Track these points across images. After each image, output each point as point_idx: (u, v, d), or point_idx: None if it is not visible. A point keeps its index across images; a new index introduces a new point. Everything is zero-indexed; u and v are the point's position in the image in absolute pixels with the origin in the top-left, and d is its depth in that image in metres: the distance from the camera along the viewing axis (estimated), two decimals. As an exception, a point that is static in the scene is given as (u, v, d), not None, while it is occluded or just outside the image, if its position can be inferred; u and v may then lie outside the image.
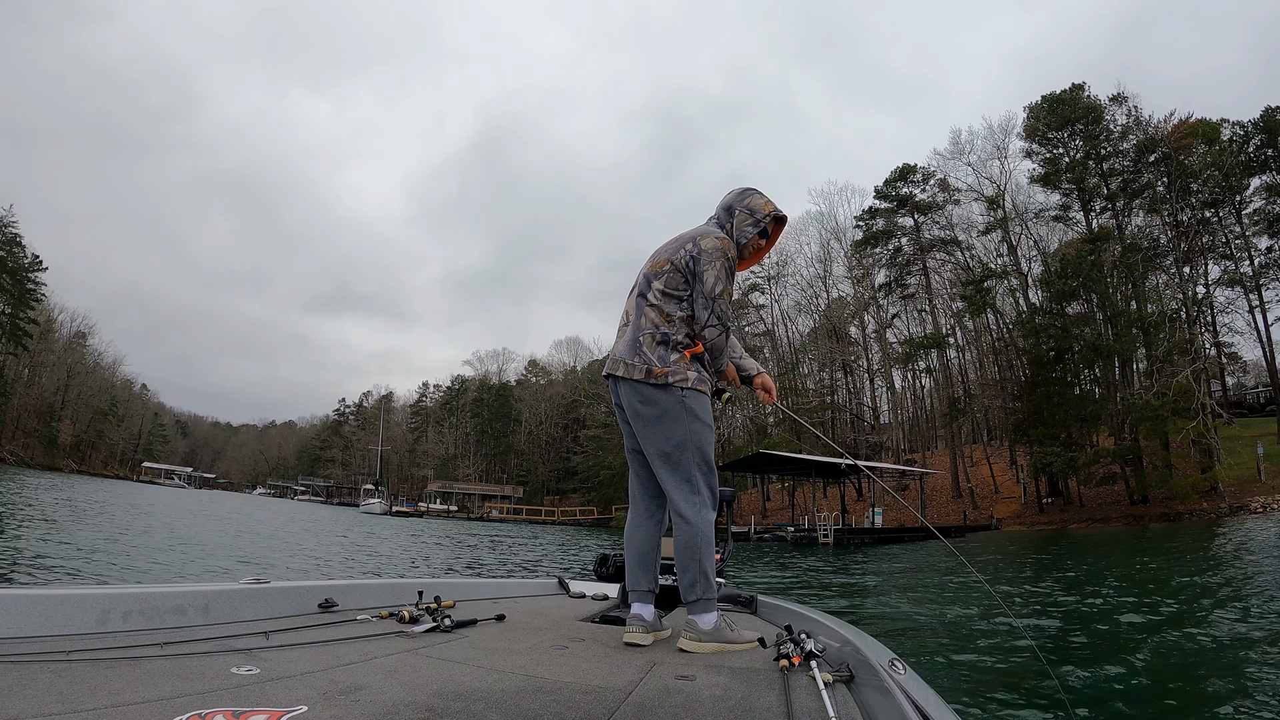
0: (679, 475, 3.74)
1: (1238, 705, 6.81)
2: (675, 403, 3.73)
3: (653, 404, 3.74)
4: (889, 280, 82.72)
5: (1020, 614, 13.27)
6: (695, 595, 3.62)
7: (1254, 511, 45.06)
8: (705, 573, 3.64)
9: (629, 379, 3.79)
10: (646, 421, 3.76)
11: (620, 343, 3.94)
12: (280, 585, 3.62)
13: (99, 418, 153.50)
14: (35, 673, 2.13)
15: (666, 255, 3.93)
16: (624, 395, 3.84)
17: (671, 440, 3.73)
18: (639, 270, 4.07)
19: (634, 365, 3.79)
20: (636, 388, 3.78)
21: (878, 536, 47.99)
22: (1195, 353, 55.69)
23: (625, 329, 3.96)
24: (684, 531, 3.67)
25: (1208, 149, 60.87)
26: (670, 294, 3.84)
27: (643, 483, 4.04)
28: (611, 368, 3.89)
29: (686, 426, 3.74)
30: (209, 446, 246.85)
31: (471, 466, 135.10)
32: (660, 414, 3.73)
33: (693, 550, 3.64)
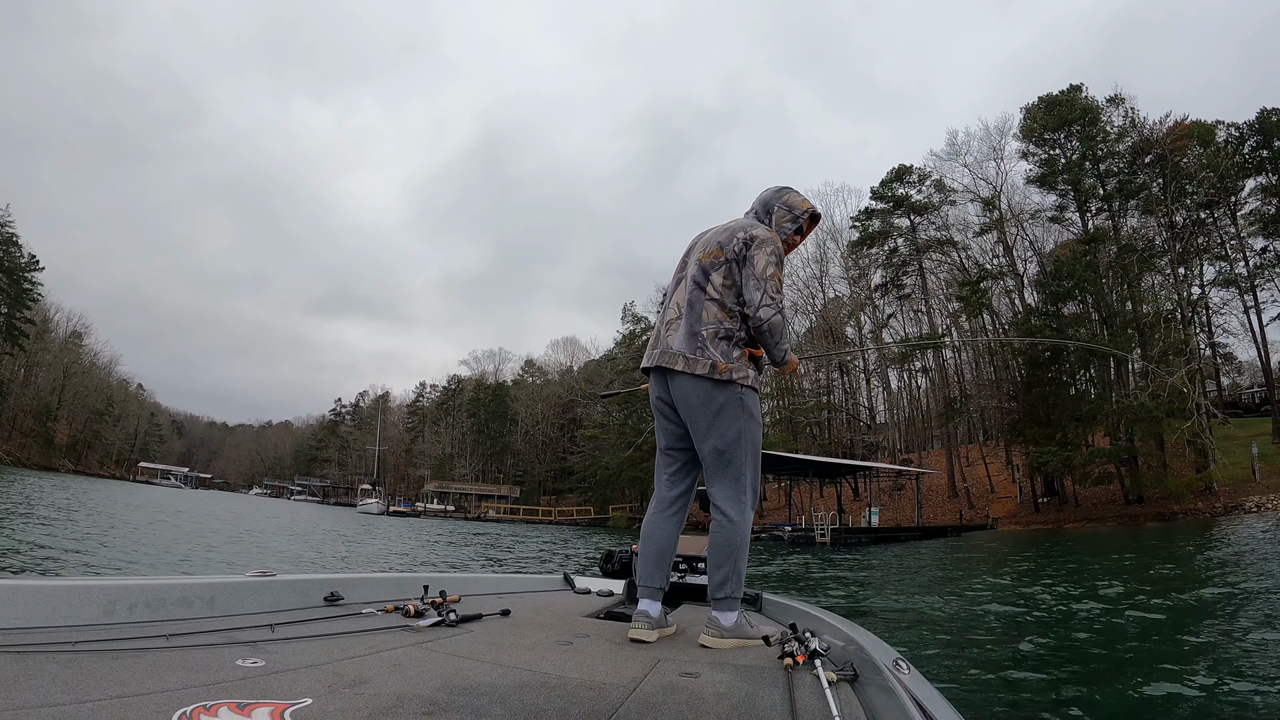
0: (729, 473, 3.73)
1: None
2: (735, 399, 3.71)
3: (712, 400, 3.70)
4: (885, 281, 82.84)
5: (1024, 616, 13.38)
6: (725, 593, 3.62)
7: (1249, 511, 45.30)
8: (739, 572, 3.65)
9: (690, 373, 3.72)
10: (704, 418, 3.71)
11: (675, 334, 3.83)
12: (286, 578, 3.64)
13: (95, 418, 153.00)
14: (41, 663, 2.15)
15: (719, 243, 3.89)
16: (680, 389, 3.77)
17: (727, 437, 3.71)
18: (686, 258, 4.06)
19: (695, 360, 3.72)
20: (698, 383, 3.72)
21: (874, 536, 47.95)
22: (1190, 353, 55.82)
23: (678, 321, 3.86)
24: (726, 529, 3.67)
25: (1203, 150, 61.12)
26: (730, 286, 3.82)
27: (670, 479, 4.00)
28: (667, 361, 3.79)
29: (743, 424, 3.74)
30: (205, 446, 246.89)
31: (468, 466, 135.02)
32: (719, 410, 3.70)
33: (731, 548, 3.65)
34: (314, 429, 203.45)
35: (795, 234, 4.20)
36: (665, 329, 3.92)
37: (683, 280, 3.97)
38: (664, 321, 3.97)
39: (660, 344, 3.88)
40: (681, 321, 3.84)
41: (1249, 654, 8.95)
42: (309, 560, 21.79)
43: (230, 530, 30.09)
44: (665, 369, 3.81)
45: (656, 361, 3.85)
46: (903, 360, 79.89)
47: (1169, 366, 53.58)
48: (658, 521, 3.93)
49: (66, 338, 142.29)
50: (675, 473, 3.98)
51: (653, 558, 3.85)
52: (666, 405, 3.89)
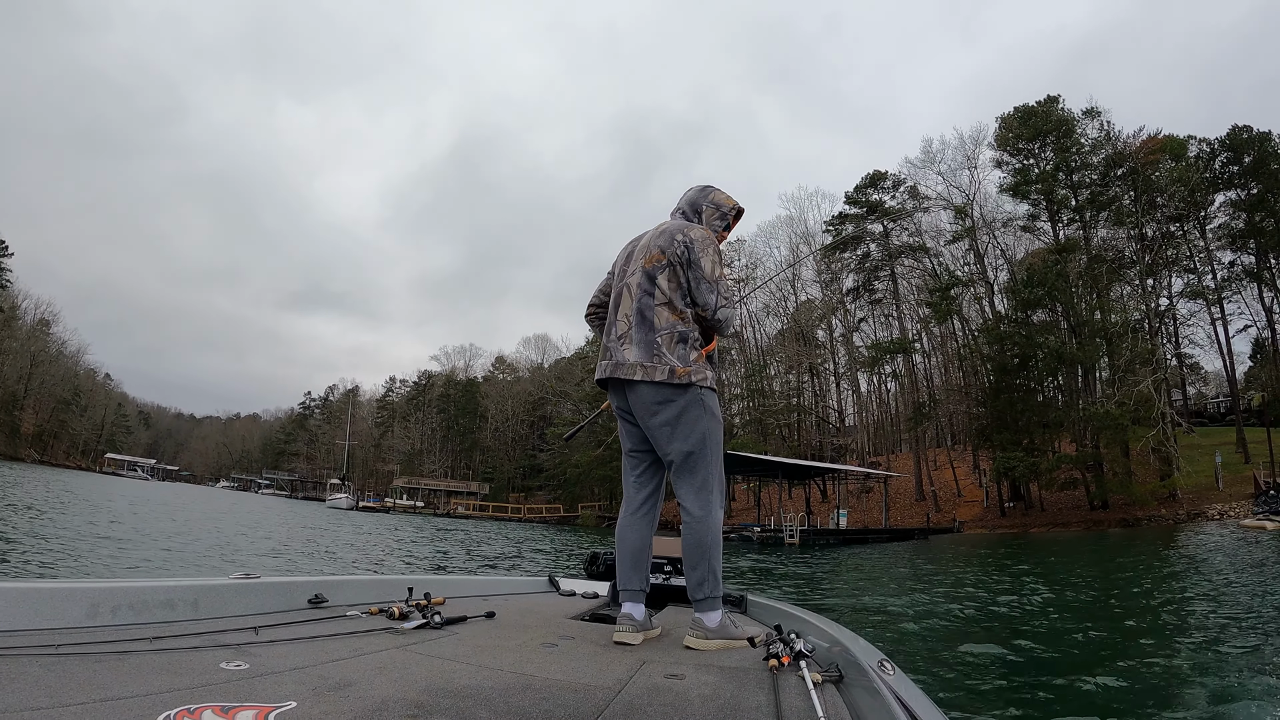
0: (696, 473, 3.72)
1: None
2: (695, 401, 3.71)
3: (672, 404, 3.70)
4: (857, 285, 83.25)
5: (1001, 616, 13.67)
6: (704, 594, 3.62)
7: (1211, 518, 45.94)
8: (714, 571, 3.65)
9: (649, 381, 3.70)
10: (666, 422, 3.71)
11: (629, 345, 3.81)
12: (270, 580, 3.61)
13: (62, 407, 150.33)
14: (23, 666, 2.13)
15: (659, 248, 3.90)
16: (640, 398, 3.75)
17: (691, 440, 3.70)
18: (625, 267, 4.06)
19: (654, 367, 3.71)
20: (658, 389, 3.70)
21: (842, 537, 48.25)
22: (1157, 363, 56.46)
23: (629, 332, 3.83)
24: (695, 530, 3.68)
25: (1174, 165, 61.83)
26: (676, 288, 3.82)
27: (637, 481, 4.00)
28: (625, 372, 3.75)
29: (705, 425, 3.74)
30: (172, 438, 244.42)
31: (437, 462, 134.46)
32: (680, 413, 3.70)
33: (703, 549, 3.65)
34: (282, 422, 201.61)
35: (724, 230, 4.26)
36: (617, 342, 3.88)
37: (626, 289, 3.95)
38: (614, 335, 3.93)
39: (614, 355, 3.87)
40: (633, 331, 3.83)
41: (1218, 655, 9.23)
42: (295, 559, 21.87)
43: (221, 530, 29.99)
44: (627, 380, 3.77)
45: (611, 373, 3.84)
46: (872, 364, 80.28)
47: (1136, 375, 54.31)
48: (629, 524, 3.94)
49: (34, 325, 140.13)
50: (641, 475, 3.99)
51: (629, 560, 3.86)
52: (626, 411, 3.90)
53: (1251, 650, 9.47)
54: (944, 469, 74.40)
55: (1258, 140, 61.67)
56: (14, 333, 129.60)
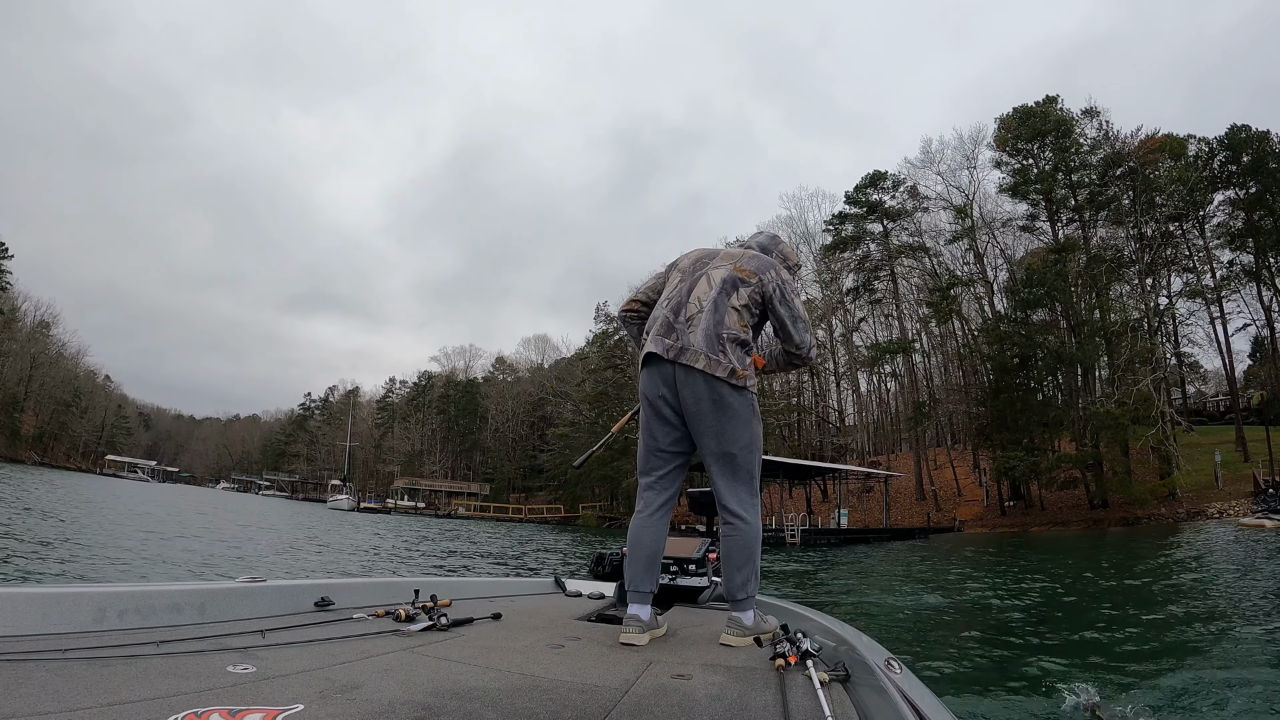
0: (741, 477, 3.76)
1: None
2: (748, 406, 3.73)
3: (727, 406, 3.67)
4: (857, 285, 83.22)
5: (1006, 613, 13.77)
6: (746, 593, 3.64)
7: (1210, 517, 45.96)
8: (757, 571, 3.70)
9: (709, 374, 3.66)
10: (716, 421, 3.68)
11: (696, 331, 3.75)
12: (276, 584, 3.61)
13: (62, 409, 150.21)
14: (31, 671, 2.14)
15: (754, 269, 3.91)
16: (693, 389, 3.69)
17: (739, 443, 3.71)
18: (704, 260, 4.05)
19: (717, 361, 3.68)
20: (715, 385, 3.67)
21: (843, 537, 48.38)
22: (1156, 362, 56.54)
23: (699, 316, 3.79)
24: (744, 532, 3.70)
25: (1173, 164, 61.90)
26: (751, 306, 3.85)
27: (660, 482, 3.94)
28: (688, 358, 3.69)
29: (755, 429, 3.78)
30: (172, 439, 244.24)
31: (438, 463, 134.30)
32: (733, 416, 3.68)
33: (750, 550, 3.68)
34: (282, 423, 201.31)
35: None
36: (685, 323, 3.81)
37: (707, 278, 3.93)
38: (682, 315, 3.85)
39: (678, 337, 3.78)
40: (704, 317, 3.78)
41: (1224, 652, 9.31)
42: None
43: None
44: (682, 365, 3.72)
45: (675, 356, 3.74)
46: (872, 364, 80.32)
47: (1135, 375, 54.41)
48: (647, 525, 3.88)
49: (34, 327, 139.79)
50: (665, 475, 3.94)
51: (643, 561, 3.81)
52: (667, 403, 3.80)
53: (1257, 644, 9.61)
54: (944, 469, 74.44)
55: (1256, 139, 61.63)
56: (14, 335, 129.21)
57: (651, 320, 4.02)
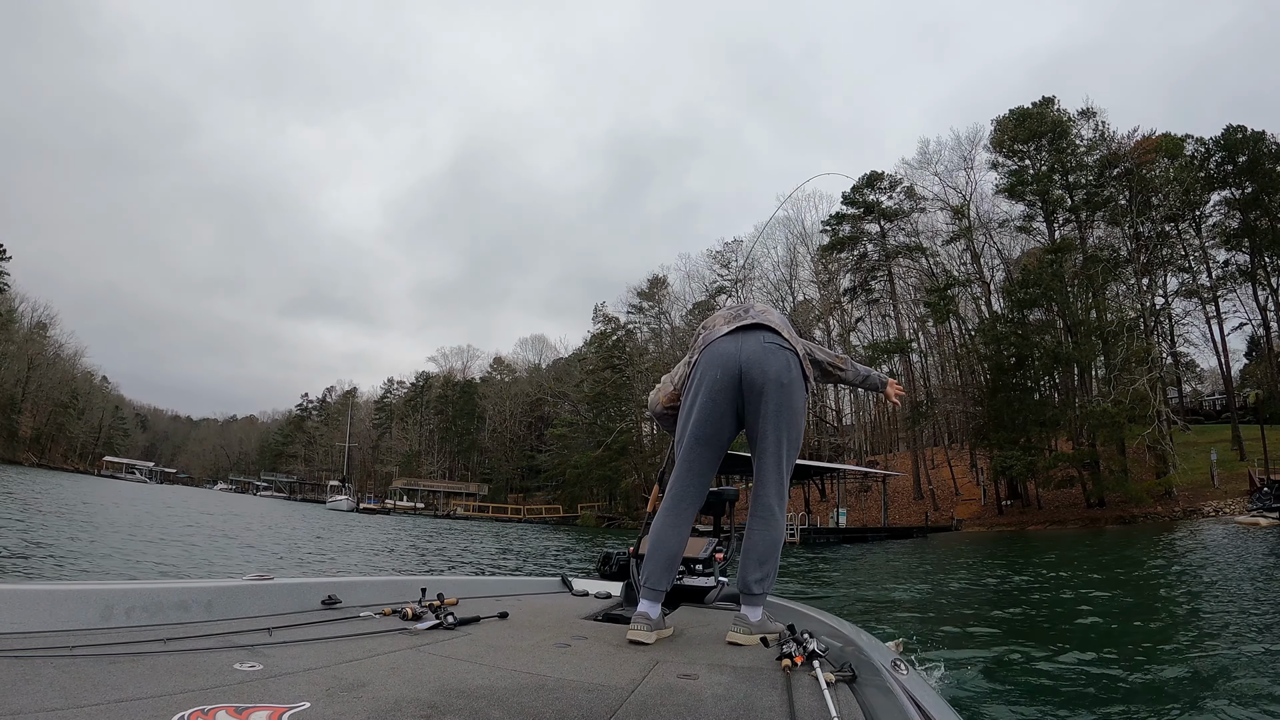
0: (782, 470, 3.67)
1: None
2: (804, 400, 3.71)
3: (794, 392, 3.63)
4: (854, 285, 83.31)
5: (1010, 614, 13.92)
6: (761, 589, 3.60)
7: (1207, 515, 46.20)
8: (775, 569, 3.65)
9: (792, 349, 3.68)
10: (779, 403, 3.61)
11: (770, 318, 3.80)
12: (283, 582, 3.64)
13: (59, 410, 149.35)
14: (39, 668, 2.16)
15: (782, 321, 3.89)
16: (775, 363, 3.61)
17: (792, 432, 3.66)
18: (741, 311, 3.93)
19: (794, 339, 3.73)
20: (792, 361, 3.66)
21: (842, 536, 48.50)
22: (1152, 361, 56.80)
23: (767, 314, 3.85)
24: (775, 529, 3.64)
25: (1170, 164, 62.18)
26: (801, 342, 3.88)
27: (698, 479, 3.82)
28: (774, 325, 3.74)
29: (802, 425, 3.74)
30: (169, 440, 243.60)
31: (436, 464, 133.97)
32: (796, 404, 3.65)
33: (775, 547, 3.64)
34: (280, 424, 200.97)
35: None
36: (760, 313, 3.84)
37: (758, 302, 4.01)
38: (752, 310, 3.88)
39: (755, 317, 3.78)
40: (775, 315, 3.84)
41: (1223, 648, 9.34)
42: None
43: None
44: (767, 329, 3.70)
45: (761, 319, 3.76)
46: (869, 364, 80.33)
47: (1132, 374, 54.67)
48: (673, 524, 3.78)
49: (32, 328, 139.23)
50: (703, 474, 3.84)
51: (663, 563, 3.71)
52: (733, 384, 3.66)
53: (1252, 640, 9.85)
54: (941, 468, 74.58)
55: (1253, 140, 61.90)
56: (11, 336, 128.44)
57: (714, 321, 3.97)
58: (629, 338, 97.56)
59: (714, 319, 4.00)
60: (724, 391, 3.66)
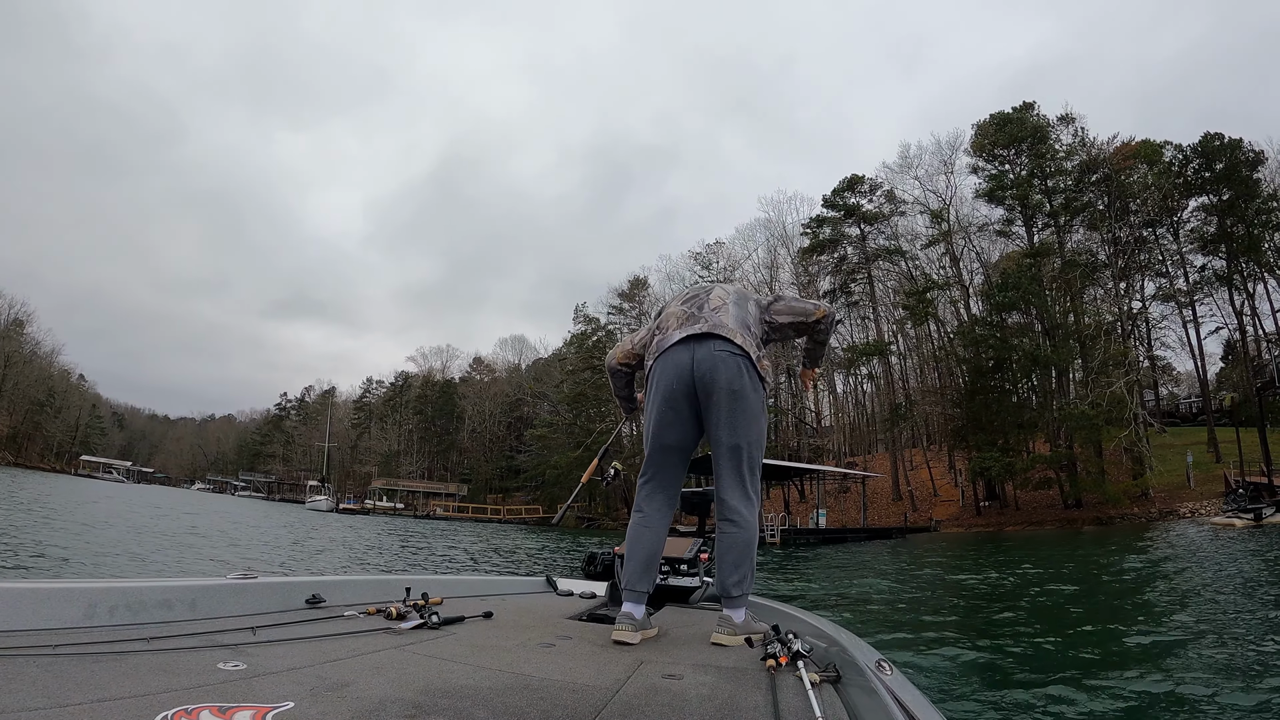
0: (743, 473, 3.68)
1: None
2: (762, 401, 3.71)
3: (747, 395, 3.64)
4: (834, 287, 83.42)
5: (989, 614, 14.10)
6: (740, 591, 3.59)
7: (1182, 517, 46.53)
8: (753, 570, 3.65)
9: (743, 351, 3.66)
10: (733, 409, 3.64)
11: (724, 316, 3.79)
12: (267, 581, 3.63)
13: (36, 409, 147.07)
14: (21, 667, 2.14)
15: (739, 293, 4.01)
16: (722, 368, 3.64)
17: (752, 432, 3.66)
18: (698, 292, 4.05)
19: (748, 341, 3.70)
20: (744, 366, 3.65)
21: (822, 536, 48.61)
22: (1129, 365, 57.19)
23: (725, 309, 3.84)
24: (745, 532, 3.65)
25: (1148, 170, 62.75)
26: (761, 320, 3.96)
27: (668, 480, 3.91)
28: (727, 333, 3.70)
29: (763, 426, 3.74)
30: (146, 440, 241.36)
31: (415, 464, 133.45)
32: (750, 406, 3.65)
33: (748, 550, 3.63)
34: (258, 423, 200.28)
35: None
36: (711, 311, 3.81)
37: (711, 291, 4.00)
38: (705, 308, 3.86)
39: (706, 320, 3.77)
40: (729, 309, 3.81)
41: (1200, 647, 9.57)
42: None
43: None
44: (717, 337, 3.69)
45: (708, 329, 3.72)
46: (849, 365, 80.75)
47: (1109, 377, 55.12)
48: (648, 525, 3.86)
49: (8, 326, 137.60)
50: (671, 474, 3.93)
51: (642, 563, 3.77)
52: (685, 393, 3.73)
53: (1230, 636, 10.08)
54: (920, 469, 74.95)
55: (1229, 147, 62.45)
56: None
57: (667, 319, 3.98)
58: (609, 338, 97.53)
59: (669, 312, 4.04)
60: (680, 399, 3.74)
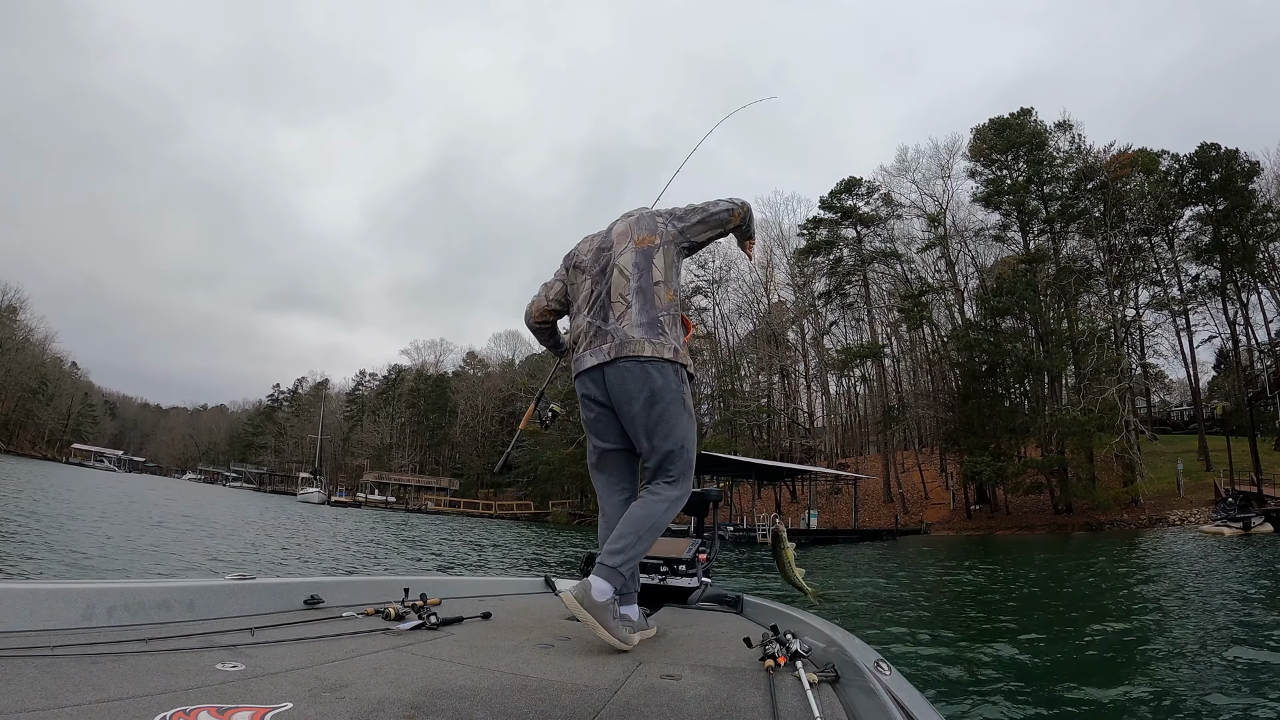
0: (672, 474, 3.57)
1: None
2: (678, 398, 3.54)
3: (664, 393, 3.50)
4: (829, 289, 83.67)
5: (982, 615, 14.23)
6: (615, 561, 3.36)
7: (1172, 524, 46.89)
8: (639, 552, 3.45)
9: (657, 357, 3.49)
10: (653, 414, 3.51)
11: (631, 326, 3.57)
12: (266, 582, 3.62)
13: (28, 396, 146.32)
14: (19, 668, 2.13)
15: (649, 231, 3.76)
16: (635, 383, 3.51)
17: (672, 438, 3.53)
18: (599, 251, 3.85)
19: (662, 344, 3.52)
20: (661, 370, 3.50)
21: (813, 537, 48.69)
22: (1122, 372, 57.50)
23: (628, 311, 3.60)
24: (652, 505, 3.50)
25: (1144, 179, 62.95)
26: (673, 263, 3.75)
27: (614, 486, 3.84)
28: (634, 349, 3.51)
29: (685, 421, 3.59)
30: (138, 429, 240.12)
31: (407, 457, 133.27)
32: (669, 404, 3.51)
33: (647, 521, 3.45)
34: (250, 414, 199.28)
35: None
36: (617, 323, 3.61)
37: (618, 270, 3.71)
38: (612, 318, 3.65)
39: (614, 337, 3.59)
40: (634, 312, 3.59)
41: (1190, 650, 9.83)
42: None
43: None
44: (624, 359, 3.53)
45: (616, 354, 3.55)
46: (842, 367, 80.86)
47: (1101, 384, 55.34)
48: (609, 527, 3.69)
49: (1, 312, 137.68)
50: (622, 471, 3.87)
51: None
52: (606, 405, 3.67)
53: (1217, 643, 10.23)
54: (912, 471, 75.01)
55: (1225, 158, 62.66)
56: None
57: (576, 331, 3.84)
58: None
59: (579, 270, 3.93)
60: (600, 412, 3.70)
